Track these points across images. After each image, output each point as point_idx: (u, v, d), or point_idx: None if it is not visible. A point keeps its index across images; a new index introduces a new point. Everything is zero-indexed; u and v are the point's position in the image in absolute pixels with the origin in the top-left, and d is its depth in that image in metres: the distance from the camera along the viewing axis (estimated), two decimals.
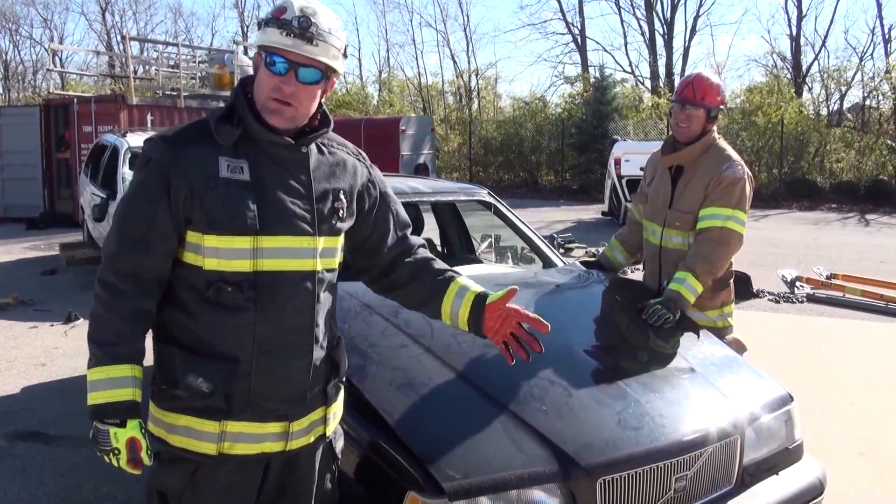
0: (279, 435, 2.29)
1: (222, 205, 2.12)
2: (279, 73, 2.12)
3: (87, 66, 40.10)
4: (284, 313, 2.21)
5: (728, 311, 4.21)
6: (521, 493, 2.56)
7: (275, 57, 2.12)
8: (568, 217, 20.31)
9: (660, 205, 4.22)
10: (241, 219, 2.12)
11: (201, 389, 2.17)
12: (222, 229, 2.12)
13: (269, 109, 2.16)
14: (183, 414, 2.21)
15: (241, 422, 2.22)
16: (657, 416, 2.91)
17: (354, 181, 2.42)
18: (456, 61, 43.74)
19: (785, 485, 3.13)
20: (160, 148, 2.16)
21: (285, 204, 2.20)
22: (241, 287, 2.15)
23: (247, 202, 2.14)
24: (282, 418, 2.29)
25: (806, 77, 34.14)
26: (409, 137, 24.94)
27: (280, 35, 2.10)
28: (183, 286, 2.20)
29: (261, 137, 2.19)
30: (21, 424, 5.52)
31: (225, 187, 2.13)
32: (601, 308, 4.13)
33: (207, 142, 2.17)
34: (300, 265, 2.22)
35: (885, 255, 13.54)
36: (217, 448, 2.22)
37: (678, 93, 4.13)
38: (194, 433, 2.21)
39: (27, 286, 10.44)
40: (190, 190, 2.11)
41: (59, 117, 18.53)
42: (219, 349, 2.18)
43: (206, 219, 2.12)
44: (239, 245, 2.14)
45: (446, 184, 5.49)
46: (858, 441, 5.23)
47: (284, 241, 2.19)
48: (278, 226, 2.17)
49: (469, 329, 2.48)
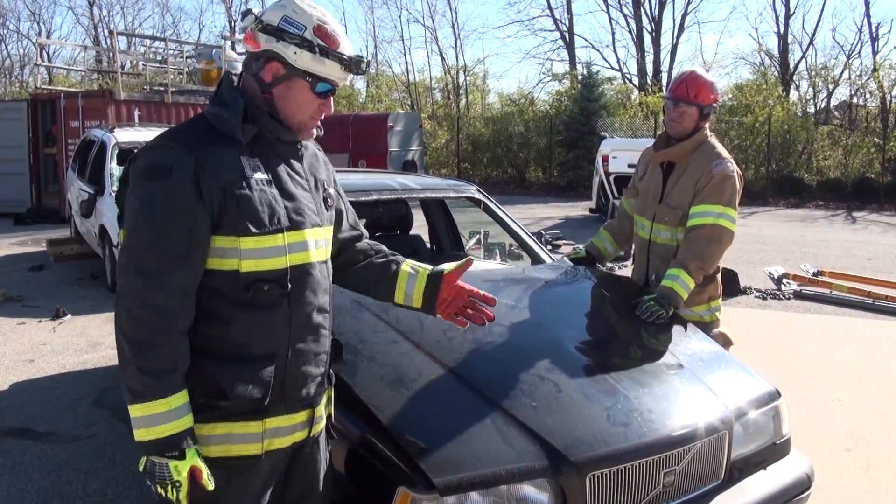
0: (306, 423, 2.36)
1: (259, 204, 2.15)
2: (323, 96, 2.26)
3: (75, 61, 39.93)
4: (312, 303, 2.28)
5: (715, 306, 4.24)
6: (510, 489, 2.57)
7: (322, 84, 2.23)
8: (556, 214, 20.34)
9: (650, 200, 4.25)
10: (277, 217, 2.18)
11: (254, 396, 2.17)
12: (261, 230, 2.14)
13: (309, 127, 2.29)
14: (221, 422, 2.18)
15: (277, 416, 2.26)
16: (646, 411, 2.93)
17: (328, 171, 2.52)
18: (444, 57, 43.78)
19: (773, 480, 3.15)
20: (179, 154, 2.10)
21: (299, 198, 2.27)
22: (280, 283, 2.18)
23: (277, 200, 2.20)
24: (307, 406, 2.36)
25: (793, 75, 34.24)
26: (397, 134, 24.94)
27: (340, 70, 2.22)
28: (210, 294, 2.15)
29: (270, 135, 2.24)
30: (9, 421, 5.50)
31: (256, 187, 2.16)
32: (590, 304, 4.15)
33: (222, 142, 2.17)
34: (318, 255, 2.31)
35: (871, 253, 13.63)
36: (262, 447, 2.24)
37: (672, 90, 4.16)
38: (237, 438, 2.21)
39: (14, 282, 10.39)
40: (223, 192, 2.10)
41: (47, 112, 18.43)
42: (256, 350, 2.18)
43: (245, 220, 2.12)
44: (273, 244, 2.17)
45: (436, 180, 5.48)
46: (845, 436, 5.27)
47: (305, 234, 2.25)
48: (299, 220, 2.24)
49: (422, 306, 2.61)
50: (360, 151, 24.24)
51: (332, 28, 2.22)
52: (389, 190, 4.66)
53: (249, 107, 2.21)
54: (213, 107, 2.25)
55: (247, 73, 2.28)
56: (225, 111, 2.20)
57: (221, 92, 2.27)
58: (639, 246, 4.40)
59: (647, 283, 4.23)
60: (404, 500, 2.49)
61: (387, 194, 4.64)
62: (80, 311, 8.70)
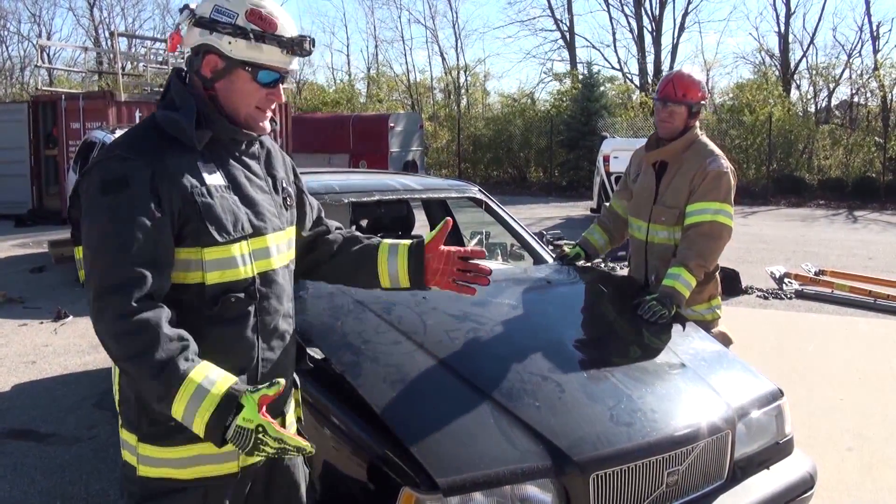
0: None
1: (222, 213, 2.05)
2: (269, 86, 2.13)
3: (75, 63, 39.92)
4: (278, 310, 2.21)
5: (715, 304, 4.25)
6: (514, 489, 2.57)
7: (265, 71, 2.10)
8: (557, 214, 20.33)
9: (644, 201, 4.26)
10: (241, 224, 2.08)
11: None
12: (226, 239, 2.04)
13: (259, 119, 2.15)
14: (196, 443, 2.05)
15: None
16: (649, 411, 2.93)
17: (286, 168, 2.41)
18: (445, 58, 43.75)
19: (776, 479, 3.16)
20: (135, 165, 1.98)
21: (259, 202, 2.17)
22: (248, 292, 2.10)
23: (238, 206, 2.10)
24: (279, 413, 2.28)
25: (794, 74, 34.23)
26: (397, 134, 24.96)
27: (281, 54, 2.09)
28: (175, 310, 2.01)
29: (225, 137, 2.14)
30: (12, 422, 5.50)
31: (217, 195, 2.06)
32: (592, 304, 4.15)
33: (177, 148, 2.05)
34: (280, 261, 2.22)
35: (872, 252, 13.62)
36: (238, 464, 2.15)
37: (659, 91, 4.19)
38: (213, 458, 2.10)
39: (16, 284, 10.40)
40: (183, 202, 2.00)
41: (47, 114, 18.43)
42: (225, 365, 2.03)
43: (209, 229, 2.02)
44: (237, 252, 2.07)
45: (437, 181, 5.49)
46: (847, 435, 5.27)
47: (267, 240, 2.16)
48: (261, 225, 2.15)
49: (410, 283, 2.49)
50: (360, 152, 24.27)
51: (269, 10, 2.08)
52: (391, 190, 4.66)
53: (202, 109, 2.10)
54: (163, 110, 2.13)
55: (190, 70, 2.15)
56: (176, 115, 2.08)
57: (171, 93, 2.16)
58: (635, 248, 4.41)
59: (646, 284, 4.23)
60: (408, 501, 2.49)
61: (388, 195, 4.64)
62: (81, 312, 8.69)
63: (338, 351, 3.12)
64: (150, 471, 2.11)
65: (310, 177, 4.63)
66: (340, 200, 4.32)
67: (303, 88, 41.82)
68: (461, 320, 3.47)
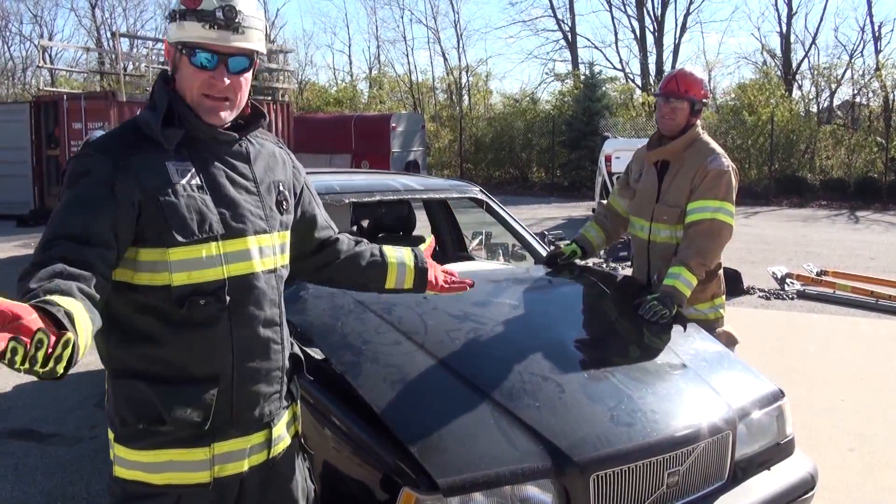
0: (263, 444, 2.20)
1: (186, 211, 1.98)
2: (207, 69, 2.02)
3: (77, 63, 40.01)
4: (256, 316, 2.11)
5: (719, 303, 4.23)
6: (514, 489, 2.57)
7: (198, 51, 2.00)
8: (558, 214, 20.35)
9: (646, 200, 4.25)
10: (208, 224, 2.01)
11: (192, 420, 2.01)
12: (190, 239, 1.98)
13: (206, 108, 2.05)
14: (165, 448, 2.03)
15: (227, 441, 2.11)
16: (649, 411, 2.93)
17: (286, 171, 2.33)
18: (446, 58, 43.73)
19: (777, 480, 3.15)
20: (98, 160, 1.95)
21: (240, 203, 2.10)
22: (217, 296, 2.02)
23: (208, 206, 2.02)
24: (264, 427, 2.20)
25: (796, 74, 34.23)
26: (399, 134, 24.98)
27: (203, 28, 1.98)
28: (143, 312, 1.99)
29: (204, 136, 2.07)
30: (13, 422, 5.51)
31: (183, 193, 1.99)
32: (593, 304, 4.14)
33: (148, 147, 2.01)
34: (264, 264, 2.13)
35: (874, 252, 13.61)
36: (210, 475, 2.08)
37: (662, 87, 4.18)
38: (183, 465, 2.06)
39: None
40: (143, 202, 1.94)
41: (49, 114, 18.43)
42: (197, 371, 2.02)
43: (171, 229, 1.96)
44: (206, 253, 2.00)
45: (438, 181, 5.49)
46: (849, 436, 5.26)
47: (247, 242, 2.08)
48: (239, 227, 2.07)
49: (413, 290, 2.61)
50: (362, 152, 24.29)
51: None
52: (392, 191, 4.66)
53: (175, 107, 2.04)
54: (145, 110, 2.08)
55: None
56: (150, 114, 2.04)
57: (153, 92, 2.11)
58: (638, 247, 4.39)
59: (649, 284, 4.22)
60: (408, 501, 2.49)
61: (389, 195, 4.63)
62: None
63: (338, 351, 3.12)
64: (123, 472, 2.09)
65: (311, 177, 4.63)
66: (341, 200, 4.31)
67: (305, 89, 41.86)
68: (462, 320, 3.47)
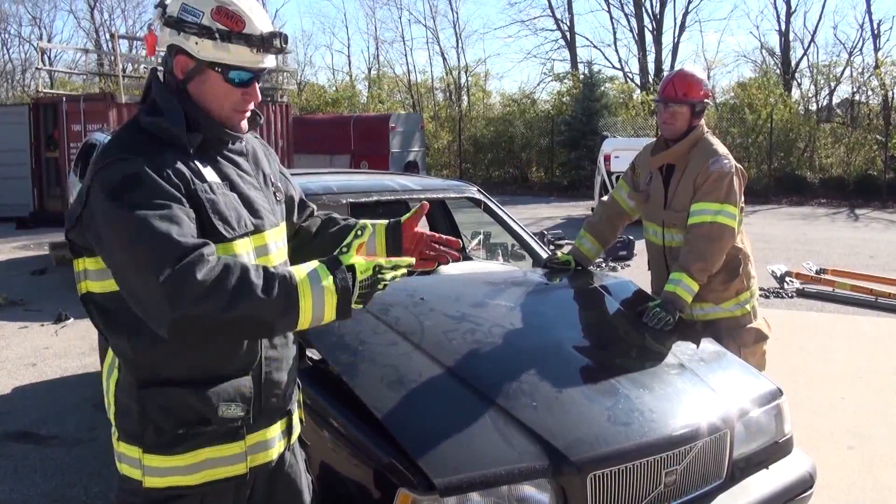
0: (284, 432, 2.27)
1: (226, 208, 2.01)
2: (243, 86, 2.07)
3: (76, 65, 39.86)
4: None
5: (744, 299, 4.14)
6: (511, 489, 2.57)
7: (236, 72, 2.03)
8: (558, 213, 20.35)
9: (657, 205, 4.20)
10: (244, 221, 2.05)
11: (238, 414, 2.06)
12: (233, 233, 2.01)
13: (236, 121, 2.10)
14: (203, 448, 2.05)
15: (258, 432, 2.15)
16: (647, 411, 2.93)
17: (271, 163, 2.35)
18: (445, 58, 43.75)
19: (775, 478, 3.15)
20: (137, 163, 1.91)
21: (254, 199, 2.14)
22: None
23: (238, 203, 2.06)
24: (285, 414, 2.27)
25: (795, 73, 34.23)
26: (398, 135, 24.97)
27: (251, 53, 2.02)
28: None
29: (218, 137, 2.10)
30: (12, 425, 5.50)
31: (220, 191, 2.02)
32: (591, 305, 4.14)
33: (170, 149, 2.00)
34: (279, 256, 2.20)
35: (874, 250, 13.61)
36: (246, 465, 2.12)
37: (661, 92, 4.12)
38: (221, 461, 2.08)
39: (17, 286, 10.41)
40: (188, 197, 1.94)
41: (48, 116, 18.44)
42: (230, 368, 2.05)
43: (217, 224, 1.97)
44: (241, 250, 2.03)
45: (435, 181, 5.49)
46: (848, 434, 5.26)
47: (266, 237, 2.13)
48: (259, 223, 2.11)
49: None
50: (361, 152, 24.27)
51: (236, 6, 2.00)
52: (389, 191, 4.65)
53: (189, 111, 2.04)
54: (147, 115, 2.05)
55: (165, 70, 2.09)
56: (164, 120, 2.02)
57: (153, 96, 2.08)
58: (654, 253, 4.32)
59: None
60: (405, 502, 2.49)
61: (387, 195, 4.63)
62: (82, 314, 8.66)
63: (335, 352, 3.11)
64: (157, 481, 2.06)
65: (308, 177, 4.64)
66: (338, 201, 4.31)
67: (304, 89, 41.84)
68: (459, 321, 3.46)
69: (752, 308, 4.19)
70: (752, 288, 4.21)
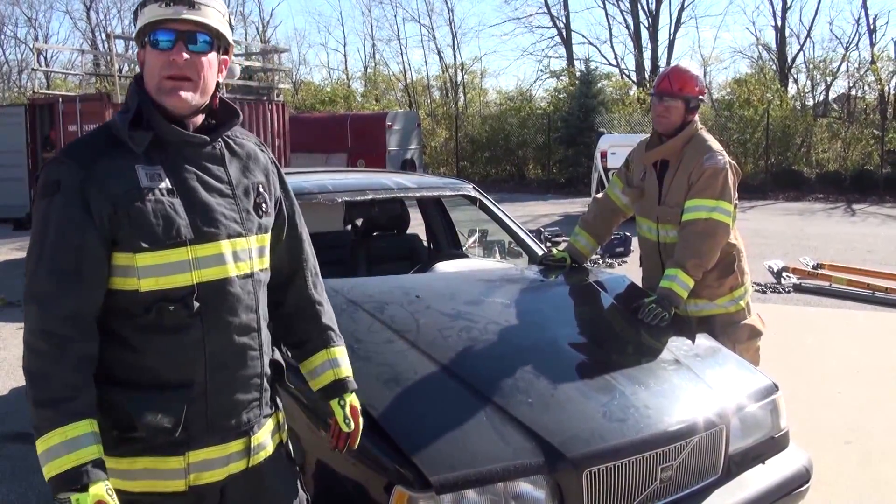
0: (242, 452, 2.14)
1: (153, 217, 1.95)
2: (167, 49, 1.98)
3: (72, 65, 39.84)
4: (231, 322, 2.06)
5: (738, 295, 4.16)
6: (507, 486, 2.58)
7: (158, 34, 1.97)
8: (555, 210, 20.35)
9: (651, 202, 4.21)
10: (175, 229, 1.96)
11: (163, 426, 1.97)
12: (157, 244, 1.94)
13: (166, 90, 1.99)
14: (140, 456, 2.00)
15: (204, 449, 2.05)
16: (642, 407, 2.93)
17: (267, 173, 2.25)
18: (441, 56, 43.76)
19: (771, 473, 3.15)
20: (67, 168, 1.93)
21: (212, 206, 2.04)
22: (185, 302, 1.97)
23: (176, 211, 1.98)
24: (243, 434, 2.13)
25: (791, 68, 34.22)
26: (395, 133, 24.94)
27: (159, 7, 1.96)
28: (115, 317, 1.98)
29: (174, 138, 2.02)
30: (10, 426, 5.50)
31: (151, 198, 1.96)
32: (586, 301, 4.15)
33: (117, 152, 1.98)
34: (239, 269, 2.07)
35: (871, 245, 13.62)
36: (185, 483, 2.04)
37: (656, 86, 4.14)
38: (157, 473, 2.02)
39: (14, 287, 10.36)
40: (114, 207, 1.92)
41: (45, 117, 18.34)
42: (168, 377, 1.99)
43: (138, 235, 1.93)
44: (175, 258, 1.96)
45: (431, 179, 5.48)
46: (844, 429, 5.26)
47: (220, 246, 2.03)
48: (211, 231, 2.02)
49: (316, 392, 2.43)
50: (358, 151, 24.23)
51: None
52: (385, 189, 4.65)
53: (144, 109, 2.00)
54: (118, 112, 2.06)
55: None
56: (117, 117, 2.02)
57: (127, 95, 2.09)
58: (647, 249, 4.33)
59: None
60: (401, 499, 2.49)
61: (382, 193, 4.63)
62: None
63: None
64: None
65: (303, 176, 4.64)
66: (334, 199, 4.31)
67: (299, 88, 41.80)
68: (454, 319, 3.47)
69: (746, 304, 4.21)
70: (746, 284, 4.22)
